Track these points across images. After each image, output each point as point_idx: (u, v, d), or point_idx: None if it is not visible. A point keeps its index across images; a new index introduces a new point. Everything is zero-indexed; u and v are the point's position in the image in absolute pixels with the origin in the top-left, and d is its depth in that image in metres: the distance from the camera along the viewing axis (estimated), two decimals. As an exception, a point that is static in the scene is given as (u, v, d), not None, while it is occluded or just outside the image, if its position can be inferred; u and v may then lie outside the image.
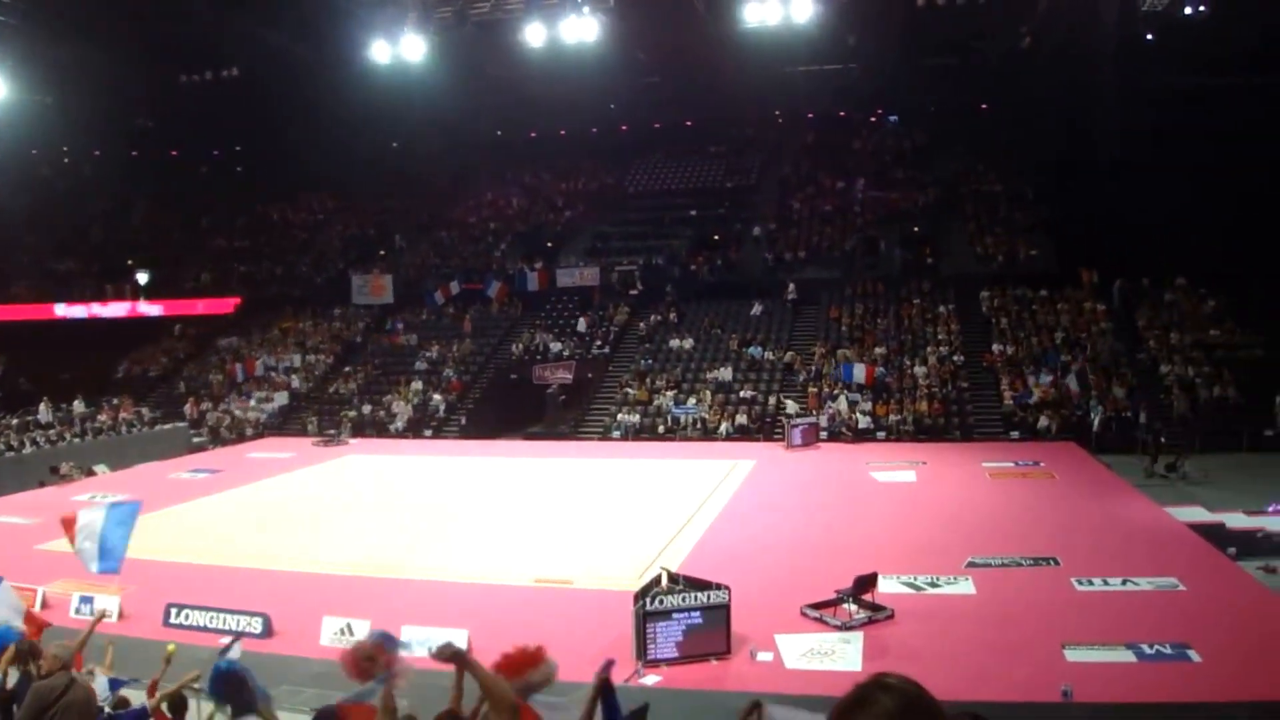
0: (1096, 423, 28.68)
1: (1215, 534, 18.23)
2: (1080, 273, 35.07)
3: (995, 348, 32.67)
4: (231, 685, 7.08)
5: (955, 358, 32.50)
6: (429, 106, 40.15)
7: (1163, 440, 25.72)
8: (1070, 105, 36.69)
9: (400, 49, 29.47)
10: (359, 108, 41.61)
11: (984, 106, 43.85)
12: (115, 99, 44.80)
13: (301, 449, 32.26)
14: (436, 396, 35.96)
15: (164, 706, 7.52)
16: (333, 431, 34.31)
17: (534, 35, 28.36)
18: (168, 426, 35.03)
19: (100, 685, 7.92)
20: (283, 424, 36.50)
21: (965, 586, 14.97)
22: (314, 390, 38.56)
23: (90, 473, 29.03)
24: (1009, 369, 31.64)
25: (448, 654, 4.61)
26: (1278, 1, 27.91)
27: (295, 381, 38.77)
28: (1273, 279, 31.14)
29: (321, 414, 36.16)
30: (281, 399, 37.72)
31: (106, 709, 7.60)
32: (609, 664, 5.30)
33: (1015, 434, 29.33)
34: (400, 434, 34.63)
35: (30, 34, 32.74)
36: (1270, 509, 20.26)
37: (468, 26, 30.45)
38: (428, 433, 34.71)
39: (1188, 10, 25.97)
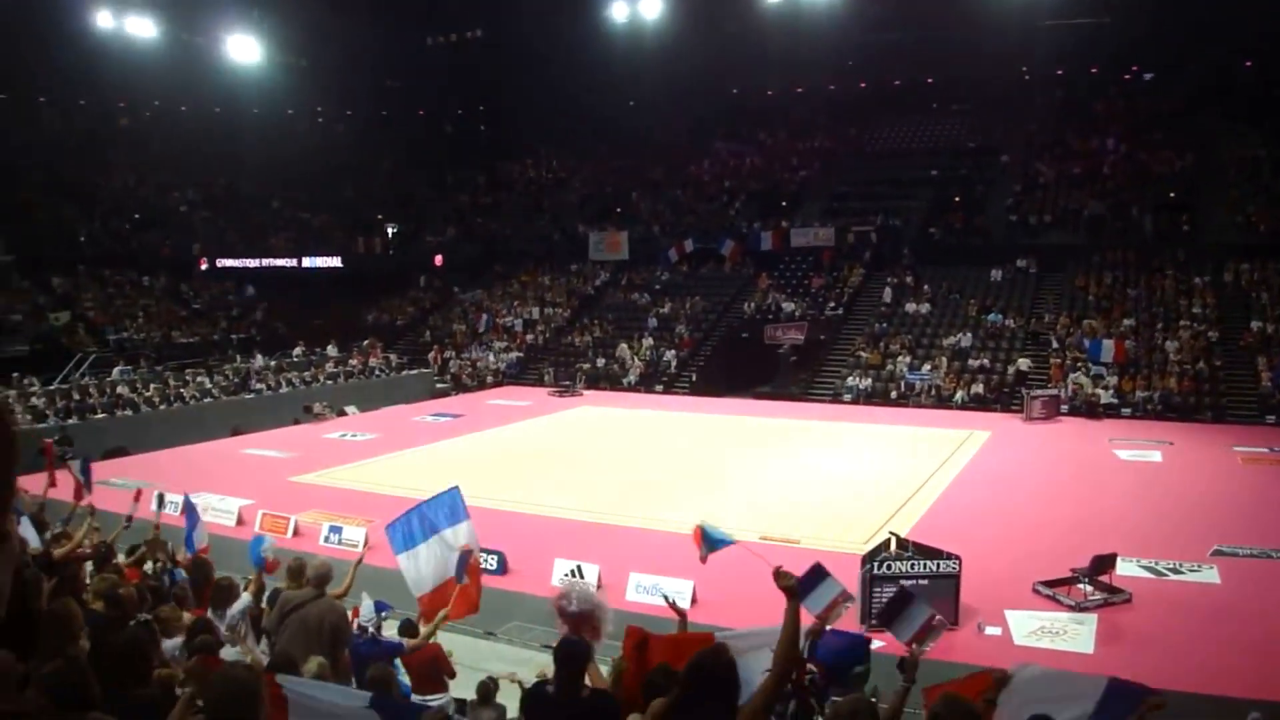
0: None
1: None
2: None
3: (1254, 324, 30.98)
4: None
5: (1210, 334, 31.06)
6: (665, 65, 40.97)
7: None
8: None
9: (638, 8, 29.69)
10: (597, 67, 42.97)
11: (1248, 64, 40.91)
12: (365, 61, 47.73)
13: (538, 398, 34.30)
14: (669, 353, 37.17)
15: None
16: (568, 383, 36.25)
17: (773, -8, 27.98)
18: (413, 372, 37.82)
19: (366, 608, 8.95)
20: (520, 374, 38.76)
21: (1209, 575, 14.60)
22: (550, 342, 40.63)
23: (341, 413, 32.03)
24: (1267, 348, 30.00)
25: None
26: None
27: (533, 334, 40.94)
28: None
29: (557, 365, 38.18)
30: (519, 350, 39.97)
31: (370, 629, 8.58)
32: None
33: (1272, 418, 27.90)
34: (632, 387, 36.19)
35: (285, 0, 34.80)
36: None
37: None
38: (659, 387, 36.11)
39: None
